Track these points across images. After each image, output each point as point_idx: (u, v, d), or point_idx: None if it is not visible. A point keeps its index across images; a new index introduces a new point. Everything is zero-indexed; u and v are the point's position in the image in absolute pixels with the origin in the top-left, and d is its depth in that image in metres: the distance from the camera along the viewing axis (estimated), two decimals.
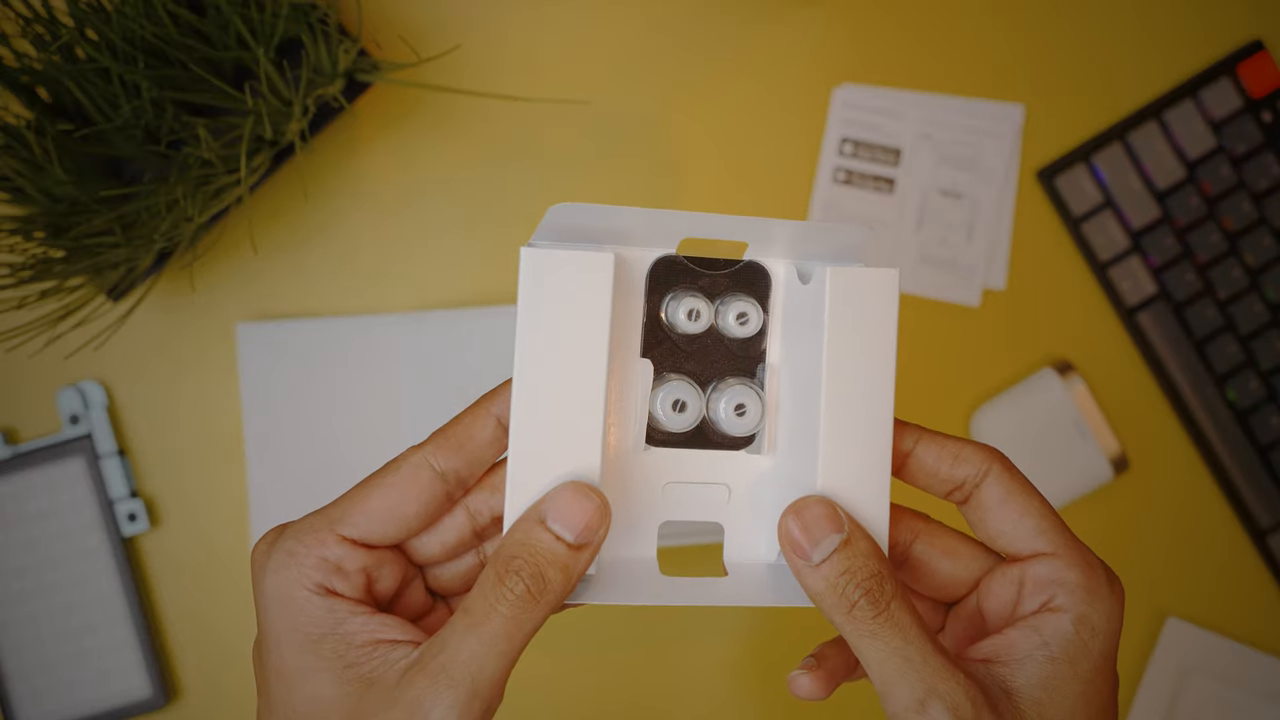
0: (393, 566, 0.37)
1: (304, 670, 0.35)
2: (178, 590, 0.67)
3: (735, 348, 0.38)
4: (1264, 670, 0.67)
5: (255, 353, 0.66)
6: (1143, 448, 0.68)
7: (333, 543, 0.36)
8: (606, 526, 0.35)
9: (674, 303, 0.38)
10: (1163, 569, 0.68)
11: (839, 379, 0.36)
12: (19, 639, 0.66)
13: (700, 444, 0.38)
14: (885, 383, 0.36)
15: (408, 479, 0.37)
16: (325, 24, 0.60)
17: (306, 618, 0.35)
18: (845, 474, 0.36)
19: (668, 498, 0.38)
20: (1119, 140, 0.68)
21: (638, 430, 0.38)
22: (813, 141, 0.68)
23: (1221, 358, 0.67)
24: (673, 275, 0.38)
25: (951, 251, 0.68)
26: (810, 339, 0.37)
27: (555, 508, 0.35)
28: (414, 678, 0.34)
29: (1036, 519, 0.38)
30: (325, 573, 0.36)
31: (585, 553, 0.35)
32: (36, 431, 0.67)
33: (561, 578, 0.34)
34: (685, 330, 0.38)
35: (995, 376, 0.68)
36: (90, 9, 0.56)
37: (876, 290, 0.36)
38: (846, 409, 0.36)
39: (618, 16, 0.68)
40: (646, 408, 0.38)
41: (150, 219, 0.58)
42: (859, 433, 0.36)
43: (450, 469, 0.37)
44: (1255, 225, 0.67)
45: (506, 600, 0.34)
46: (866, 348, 0.36)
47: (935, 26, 0.68)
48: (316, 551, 0.36)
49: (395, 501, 0.37)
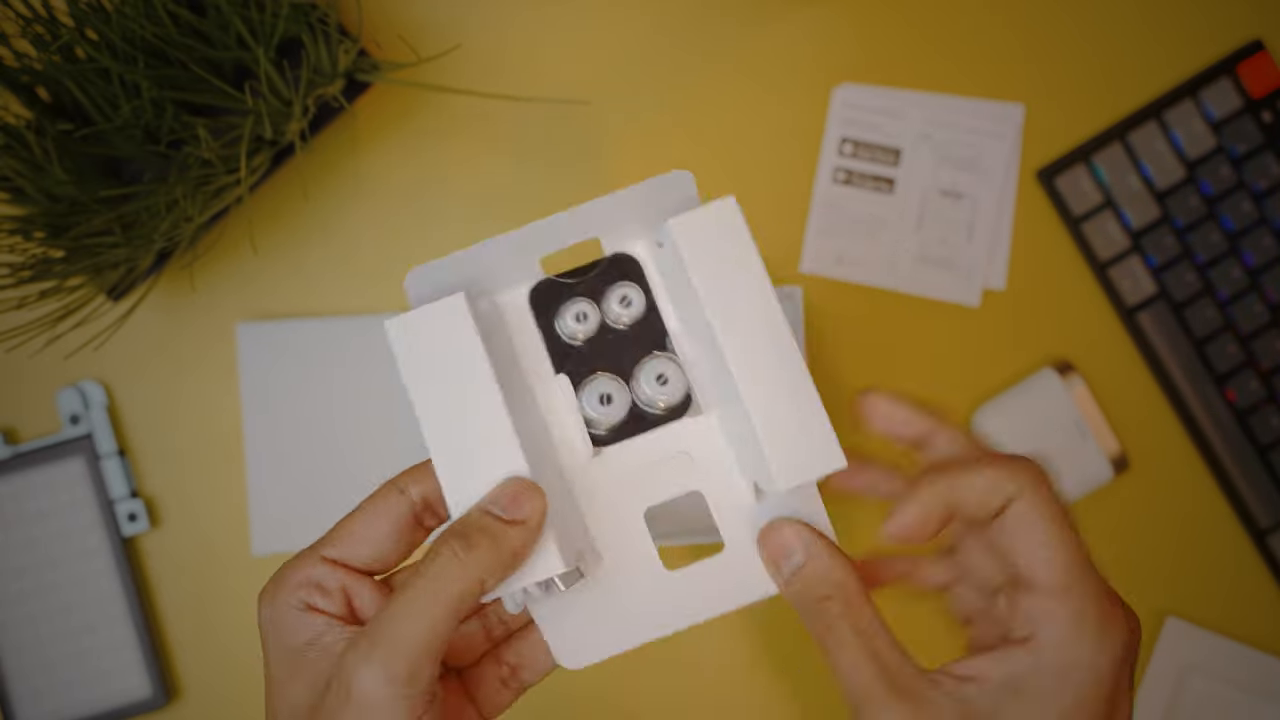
0: (374, 592, 0.38)
1: (285, 681, 0.37)
2: (178, 590, 0.67)
3: (635, 332, 0.40)
4: (1264, 670, 0.67)
5: (255, 353, 0.66)
6: (1143, 448, 0.68)
7: (315, 563, 0.38)
8: (541, 506, 0.36)
9: (562, 314, 0.40)
10: (1163, 569, 0.68)
11: (725, 315, 0.37)
12: (19, 639, 0.66)
13: (643, 428, 0.39)
14: (767, 299, 0.37)
15: (379, 502, 0.39)
16: (325, 24, 0.60)
17: (290, 631, 0.37)
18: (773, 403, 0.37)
19: (640, 488, 0.39)
20: (1119, 140, 0.68)
21: (582, 440, 0.39)
22: (813, 141, 0.68)
23: (1221, 358, 0.67)
24: (551, 295, 0.40)
25: (951, 251, 0.68)
26: (689, 292, 0.38)
27: (491, 495, 0.36)
28: (345, 653, 0.35)
29: (1049, 550, 0.37)
30: (308, 590, 0.38)
31: (519, 529, 0.35)
32: (36, 431, 0.67)
33: (490, 544, 0.35)
34: (582, 335, 0.40)
35: (995, 376, 0.68)
36: (90, 9, 0.56)
37: (721, 221, 0.38)
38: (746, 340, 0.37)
39: (618, 16, 0.68)
40: (580, 418, 0.39)
41: (150, 219, 0.58)
42: (768, 357, 0.37)
43: (418, 493, 0.38)
44: (1255, 225, 0.67)
45: (432, 565, 0.35)
46: (737, 275, 0.37)
47: (935, 26, 0.68)
48: (301, 573, 0.38)
49: (368, 522, 0.38)
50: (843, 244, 0.68)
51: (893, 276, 0.68)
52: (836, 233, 0.68)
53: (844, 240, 0.68)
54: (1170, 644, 0.67)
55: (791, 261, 0.68)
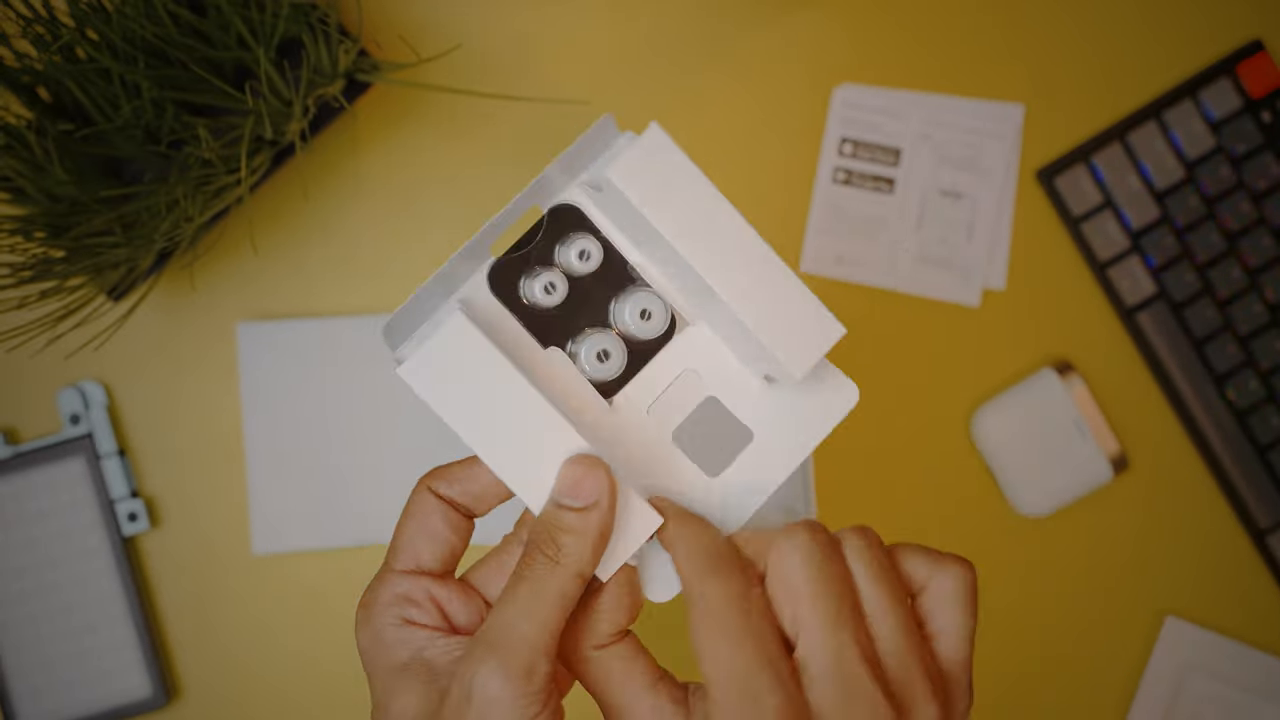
0: (463, 598, 0.39)
1: (394, 696, 0.37)
2: (178, 590, 0.67)
3: (602, 278, 0.40)
4: (1264, 670, 0.67)
5: (255, 352, 0.66)
6: (1143, 448, 0.68)
7: (394, 580, 0.39)
8: (604, 480, 0.36)
9: (528, 289, 0.40)
10: (1162, 569, 0.68)
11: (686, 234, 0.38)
12: (19, 639, 0.66)
13: (642, 362, 0.40)
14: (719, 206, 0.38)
15: (420, 505, 0.40)
16: (325, 24, 0.60)
17: (392, 650, 0.38)
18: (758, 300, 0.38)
19: (660, 417, 0.40)
20: (1119, 140, 0.68)
21: (594, 398, 0.40)
22: (813, 141, 0.68)
23: (1221, 358, 0.67)
24: (510, 273, 0.40)
25: (951, 251, 0.68)
26: (643, 225, 0.38)
27: (559, 486, 0.37)
28: (461, 659, 0.36)
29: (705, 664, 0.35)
30: (401, 605, 0.38)
31: (594, 512, 0.36)
32: (37, 431, 0.67)
33: (575, 540, 0.36)
34: (554, 302, 0.40)
35: (995, 376, 0.68)
36: (90, 9, 0.56)
37: (654, 151, 0.38)
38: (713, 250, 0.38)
39: (617, 17, 0.68)
40: (585, 381, 0.40)
41: (150, 219, 0.58)
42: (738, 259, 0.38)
43: (454, 493, 0.40)
44: (1255, 225, 0.67)
45: (530, 569, 0.36)
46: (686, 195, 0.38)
47: (935, 26, 0.68)
48: (386, 593, 0.39)
49: (420, 526, 0.39)
50: (843, 244, 0.68)
51: (893, 276, 0.68)
52: (836, 233, 0.68)
53: (844, 240, 0.68)
54: (1170, 644, 0.67)
55: (791, 262, 0.68)
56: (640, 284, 0.40)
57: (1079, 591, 0.67)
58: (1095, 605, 0.68)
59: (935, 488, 0.68)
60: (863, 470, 0.67)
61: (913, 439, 0.68)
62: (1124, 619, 0.68)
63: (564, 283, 0.40)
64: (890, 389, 0.68)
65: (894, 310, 0.68)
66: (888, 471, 0.67)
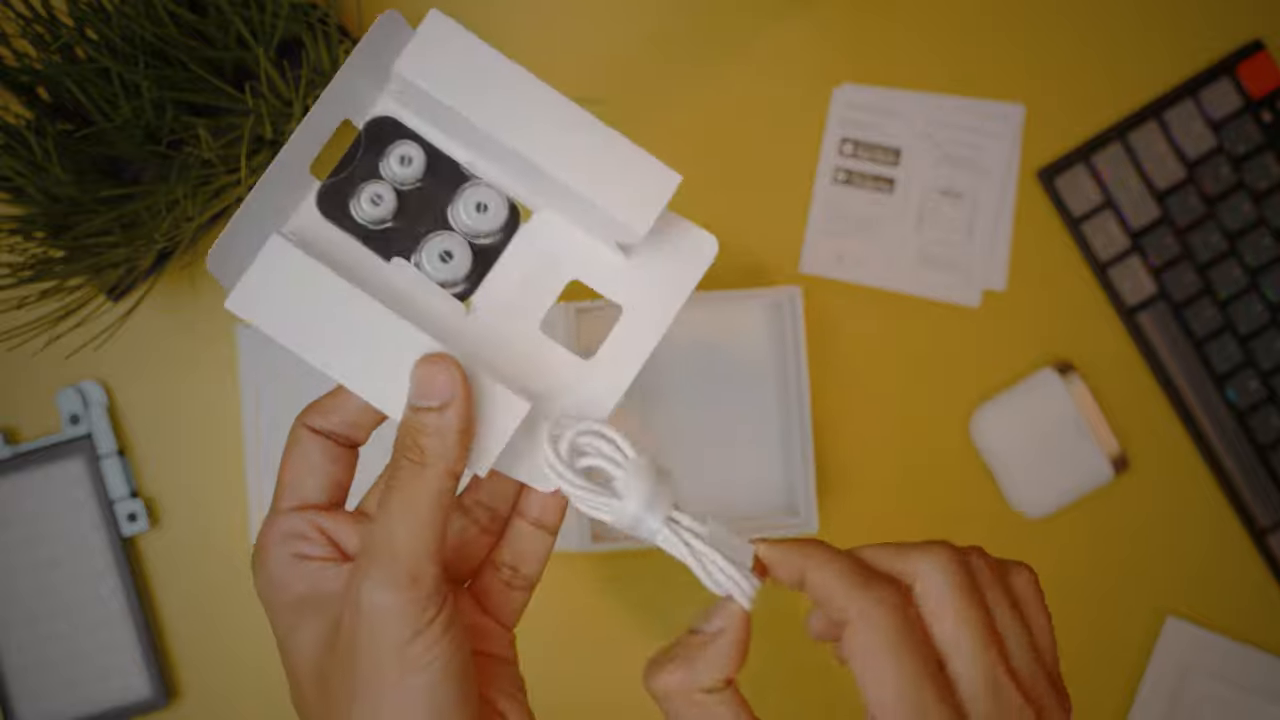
0: (351, 524, 0.39)
1: (292, 627, 0.37)
2: (178, 590, 0.67)
3: (432, 180, 0.40)
4: (1264, 670, 0.67)
5: (255, 353, 0.66)
6: (1143, 448, 0.68)
7: (281, 520, 0.38)
8: (456, 374, 0.36)
9: (357, 207, 0.39)
10: (1162, 569, 0.68)
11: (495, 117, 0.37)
12: (19, 639, 0.66)
13: (492, 259, 0.39)
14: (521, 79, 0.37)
15: (298, 443, 0.39)
16: (325, 24, 0.60)
17: (287, 586, 0.38)
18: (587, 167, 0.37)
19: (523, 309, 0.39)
20: (1119, 140, 0.68)
21: (449, 304, 0.39)
22: (813, 141, 0.68)
23: (1221, 358, 0.67)
24: (337, 195, 0.39)
25: (951, 251, 0.68)
26: (454, 117, 0.37)
27: (413, 389, 0.36)
28: (348, 581, 0.36)
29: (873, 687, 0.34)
30: (290, 543, 0.38)
31: (450, 409, 0.36)
32: (36, 431, 0.67)
33: (435, 440, 0.35)
34: (385, 214, 0.39)
35: (995, 376, 0.68)
36: (90, 9, 0.56)
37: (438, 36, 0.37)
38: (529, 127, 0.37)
39: (618, 17, 0.68)
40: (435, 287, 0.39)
41: (150, 219, 0.58)
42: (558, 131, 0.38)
43: (330, 425, 0.39)
44: (1255, 225, 0.67)
45: (399, 477, 0.35)
46: (484, 75, 0.37)
47: (935, 26, 0.68)
48: (274, 532, 0.38)
49: (300, 462, 0.39)
50: (843, 244, 0.68)
51: (893, 276, 0.68)
52: (836, 233, 0.68)
53: (844, 240, 0.68)
54: (1170, 644, 0.67)
55: (791, 261, 0.68)
56: (473, 180, 0.39)
57: (1079, 591, 0.67)
58: (1095, 605, 0.68)
59: (935, 488, 0.68)
60: (863, 470, 0.67)
61: (913, 439, 0.68)
62: (1124, 619, 0.68)
63: (391, 193, 0.39)
64: (890, 389, 0.68)
65: (894, 310, 0.68)
66: (887, 471, 0.67)
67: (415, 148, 0.39)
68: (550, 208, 0.40)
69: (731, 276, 0.68)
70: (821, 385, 0.67)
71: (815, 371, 0.67)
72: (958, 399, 0.68)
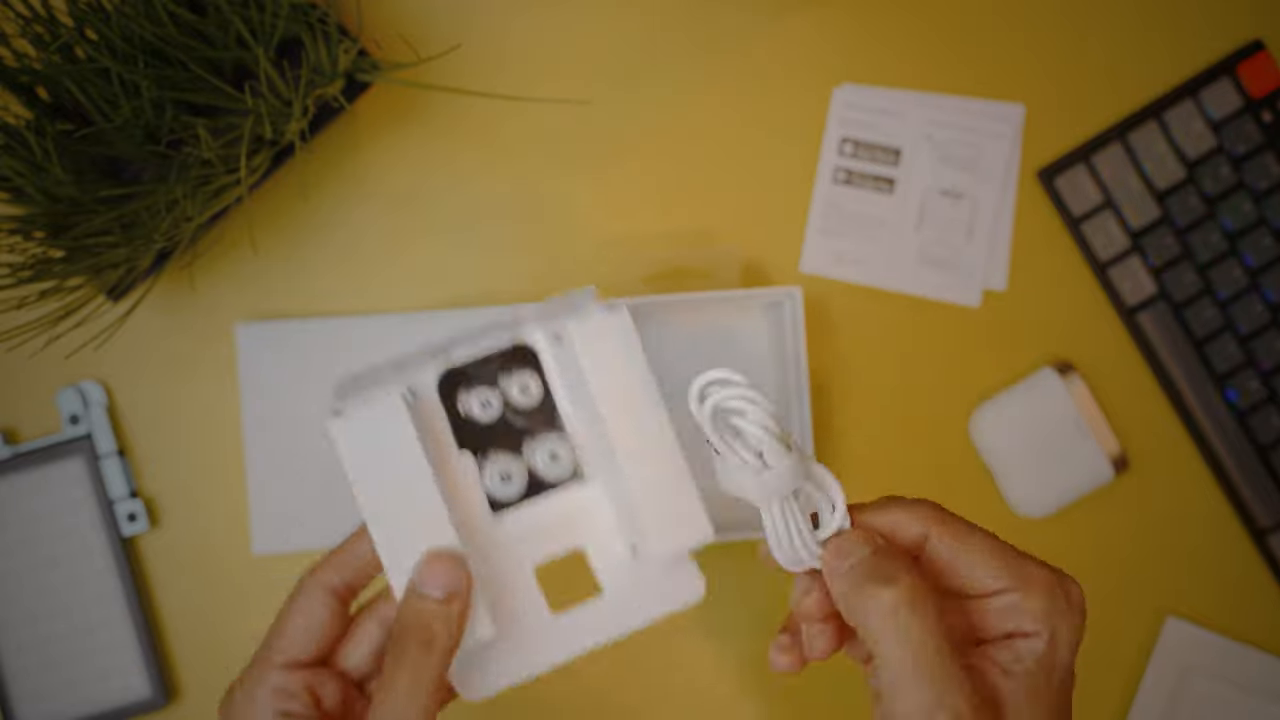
0: (333, 683, 0.43)
1: None
2: (178, 590, 0.67)
3: (533, 413, 0.45)
4: (1264, 670, 0.67)
5: (255, 352, 0.66)
6: (1143, 448, 0.68)
7: (274, 673, 0.42)
8: (465, 576, 0.41)
9: (466, 399, 0.45)
10: (1162, 569, 0.68)
11: (614, 405, 0.43)
12: (19, 639, 0.66)
13: (536, 494, 0.45)
14: (649, 390, 0.43)
15: (307, 599, 0.43)
16: (325, 24, 0.60)
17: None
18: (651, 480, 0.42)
19: (532, 547, 0.44)
20: (1119, 140, 0.68)
21: (482, 506, 0.44)
22: (813, 141, 0.68)
23: (1221, 358, 0.67)
24: (457, 376, 0.45)
25: (951, 251, 0.68)
26: (582, 381, 0.43)
27: (421, 576, 0.40)
28: None
29: (987, 565, 0.40)
30: (279, 700, 0.42)
31: (455, 603, 0.40)
32: (36, 431, 0.67)
33: (443, 627, 0.40)
34: (485, 418, 0.45)
35: (995, 376, 0.68)
36: (90, 9, 0.56)
37: (613, 327, 0.43)
38: (631, 428, 0.43)
39: (618, 16, 0.68)
40: (481, 490, 0.44)
41: (150, 219, 0.58)
42: (649, 443, 0.43)
43: (341, 582, 0.44)
44: (1255, 225, 0.67)
45: (407, 658, 0.40)
46: (626, 372, 0.43)
47: (935, 26, 0.68)
48: (265, 685, 0.42)
49: (303, 620, 0.43)
50: (843, 244, 0.68)
51: (893, 276, 0.68)
52: (836, 233, 0.68)
53: (844, 240, 0.68)
54: (1170, 644, 0.67)
55: (791, 261, 0.68)
56: (560, 429, 0.45)
57: None
58: (1095, 605, 0.67)
59: (935, 488, 0.67)
60: (862, 469, 0.67)
61: (913, 439, 0.68)
62: (1124, 619, 0.68)
63: (499, 405, 0.45)
64: (890, 389, 0.68)
65: (894, 310, 0.68)
66: (887, 471, 0.67)
67: (538, 383, 0.45)
68: (602, 484, 0.45)
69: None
70: (821, 385, 0.67)
71: (815, 371, 0.67)
72: (957, 399, 0.68)
